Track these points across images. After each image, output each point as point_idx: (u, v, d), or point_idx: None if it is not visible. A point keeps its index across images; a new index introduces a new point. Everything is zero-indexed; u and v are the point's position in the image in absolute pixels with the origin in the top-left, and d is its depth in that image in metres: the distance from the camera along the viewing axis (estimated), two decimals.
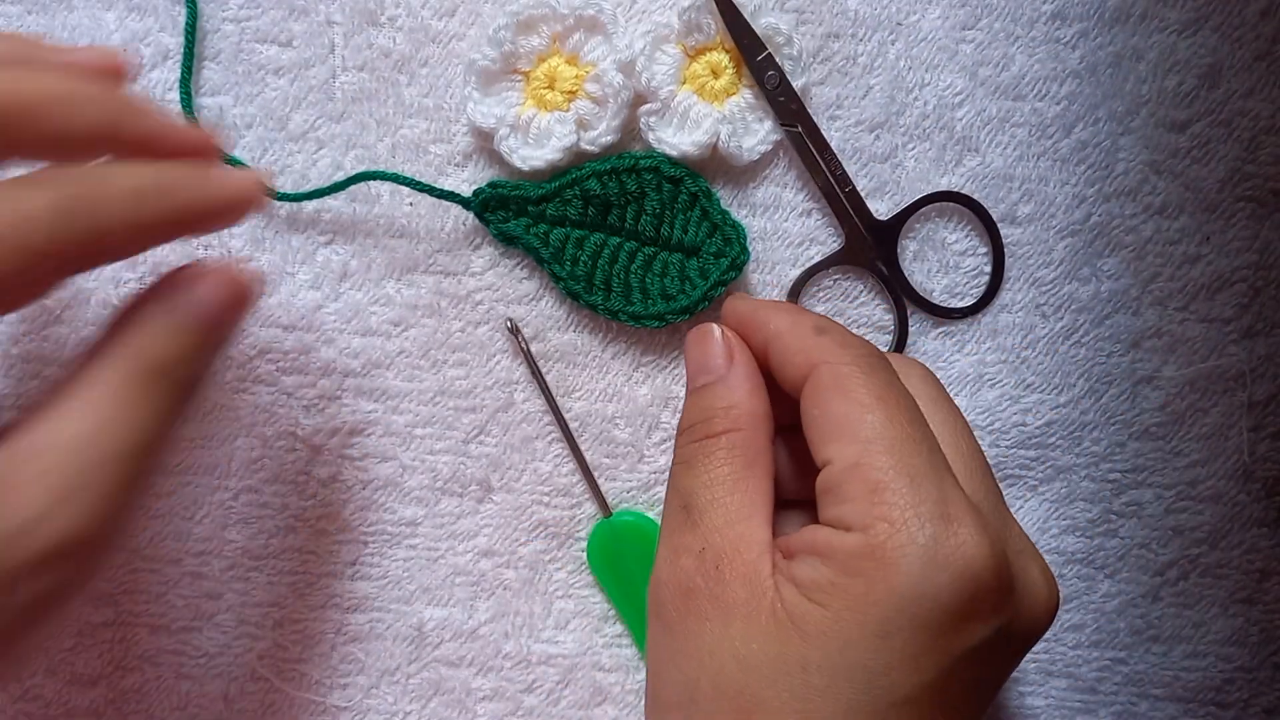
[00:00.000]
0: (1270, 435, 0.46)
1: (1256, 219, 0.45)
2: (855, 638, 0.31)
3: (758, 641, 0.32)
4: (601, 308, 0.43)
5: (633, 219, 0.43)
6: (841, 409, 0.33)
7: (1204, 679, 0.46)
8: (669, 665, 0.34)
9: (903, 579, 0.31)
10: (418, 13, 0.44)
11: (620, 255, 0.43)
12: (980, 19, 0.44)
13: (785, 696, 0.31)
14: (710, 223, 0.43)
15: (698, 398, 0.37)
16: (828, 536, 0.32)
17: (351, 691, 0.46)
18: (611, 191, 0.43)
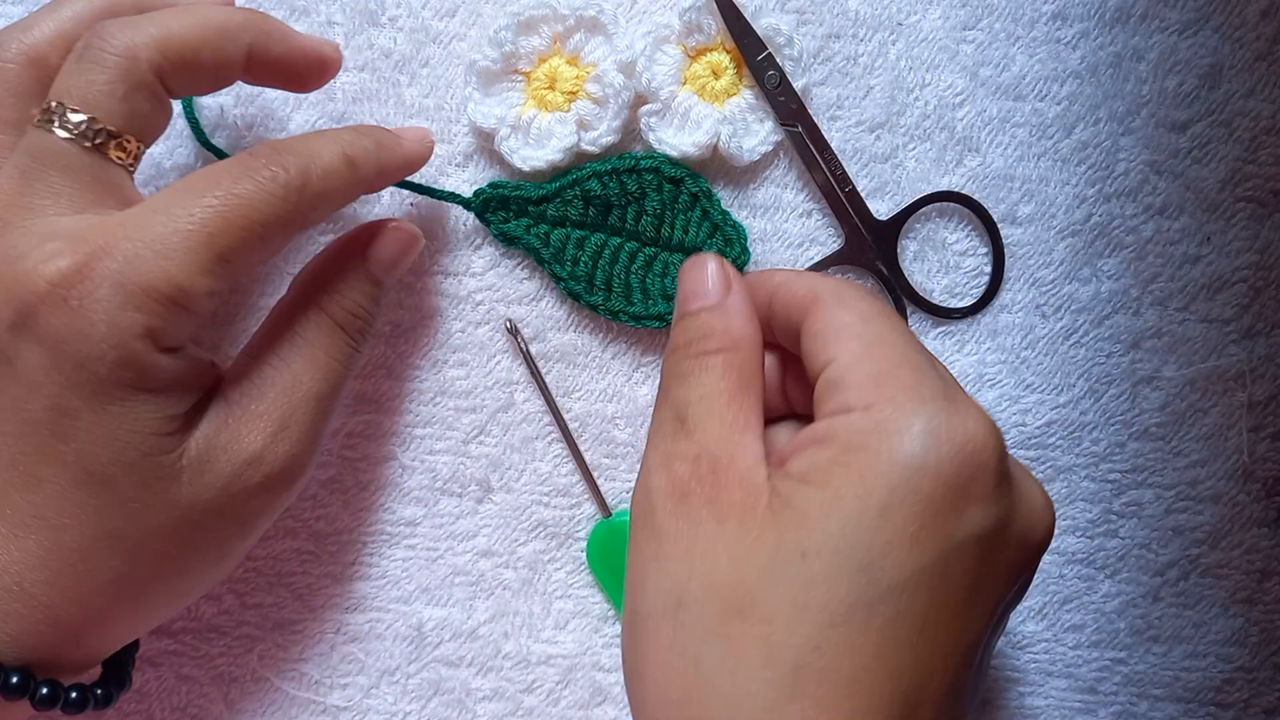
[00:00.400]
0: (1270, 435, 0.46)
1: (1257, 219, 0.45)
2: (856, 513, 0.30)
3: (753, 535, 0.32)
4: (602, 308, 0.43)
5: (633, 219, 0.43)
6: (845, 317, 0.34)
7: (1204, 679, 0.46)
8: (655, 572, 0.33)
9: (906, 450, 0.30)
10: (418, 13, 0.44)
11: (621, 256, 0.43)
12: (981, 19, 0.44)
13: (782, 586, 0.31)
14: (711, 223, 0.43)
15: (693, 319, 0.36)
16: (828, 424, 0.32)
17: (351, 691, 0.46)
18: (612, 192, 0.43)
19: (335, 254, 0.40)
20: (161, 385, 0.34)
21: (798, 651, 0.30)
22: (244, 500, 0.36)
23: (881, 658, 0.30)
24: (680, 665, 0.31)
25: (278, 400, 0.37)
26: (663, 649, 0.32)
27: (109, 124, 0.35)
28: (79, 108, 0.34)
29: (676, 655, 0.32)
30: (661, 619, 0.32)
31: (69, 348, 0.32)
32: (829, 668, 0.30)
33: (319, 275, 0.39)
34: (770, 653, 0.30)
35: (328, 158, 0.36)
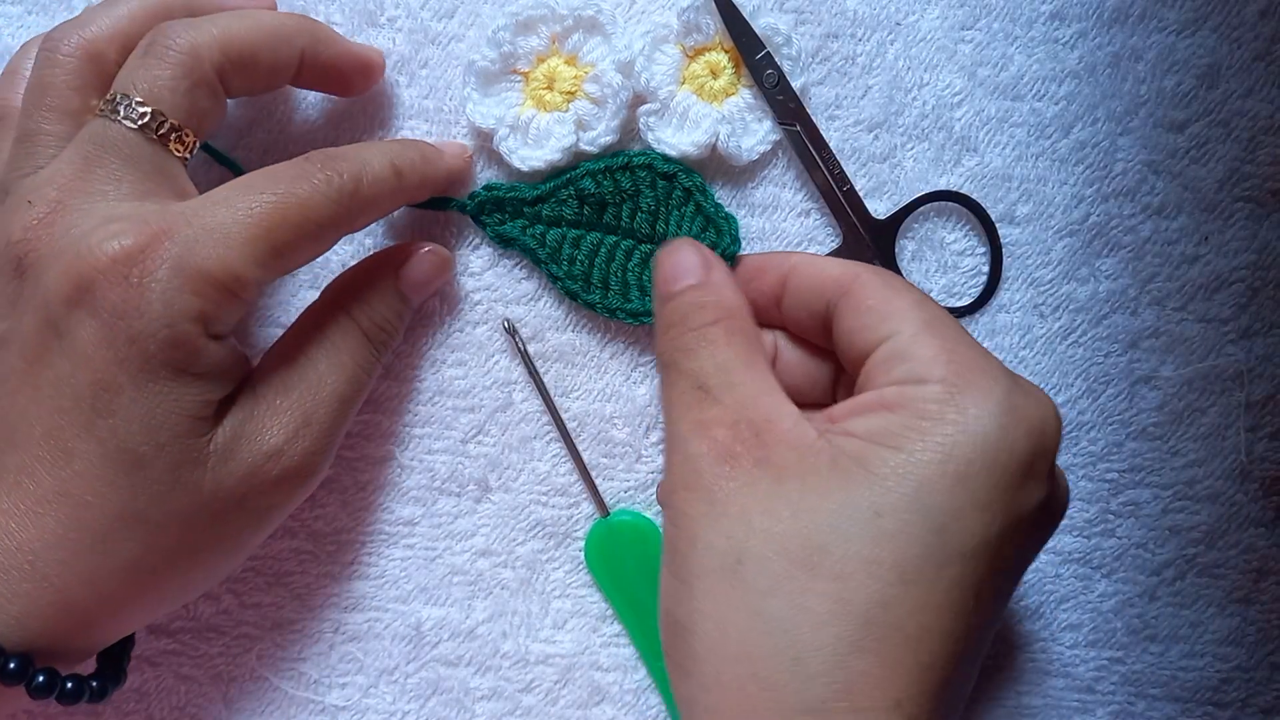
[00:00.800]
0: (1268, 435, 0.46)
1: (1255, 219, 0.45)
2: (932, 478, 0.31)
3: (818, 492, 0.32)
4: (600, 306, 0.43)
5: (628, 217, 0.43)
6: (901, 297, 0.36)
7: (1201, 678, 0.46)
8: (709, 531, 0.33)
9: (985, 425, 0.32)
10: (417, 14, 0.44)
11: (617, 253, 0.43)
12: (979, 19, 0.44)
13: (854, 543, 0.31)
14: (704, 216, 0.43)
15: (681, 297, 0.37)
16: (898, 391, 0.33)
17: (350, 691, 0.46)
18: (606, 190, 0.43)
19: (370, 268, 0.42)
20: (205, 370, 0.35)
21: (866, 607, 0.31)
22: (262, 492, 0.37)
23: (941, 619, 0.31)
24: (740, 620, 0.32)
25: (302, 398, 0.38)
26: (720, 605, 0.32)
27: (172, 117, 0.36)
28: (144, 100, 0.36)
29: (735, 610, 0.32)
30: (718, 576, 0.32)
31: (124, 323, 0.33)
32: (894, 624, 0.31)
33: (352, 285, 0.41)
34: (839, 608, 0.31)
35: (377, 166, 0.38)
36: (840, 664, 0.30)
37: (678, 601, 0.34)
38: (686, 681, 0.33)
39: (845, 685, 0.30)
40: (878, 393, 0.34)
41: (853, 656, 0.30)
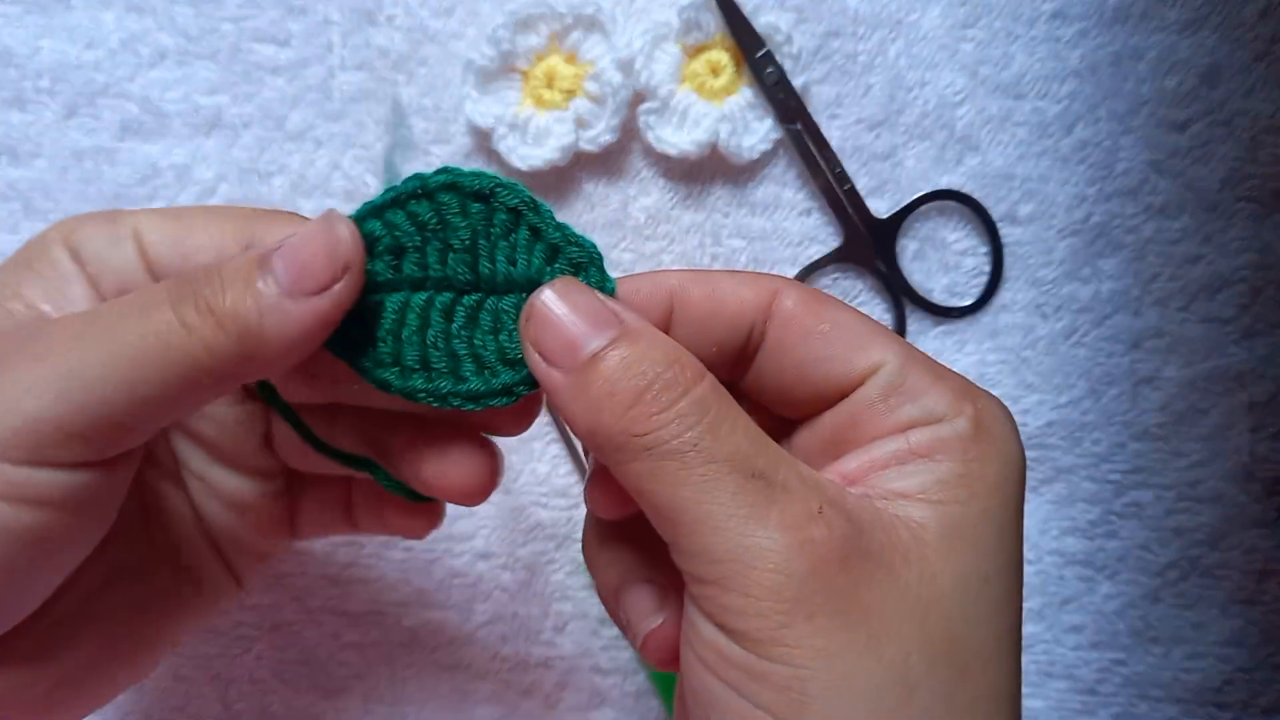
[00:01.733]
0: (1270, 436, 0.46)
1: (1256, 219, 0.45)
2: (1006, 522, 0.28)
3: (928, 573, 0.27)
4: (423, 393, 0.30)
5: (437, 261, 0.31)
6: (850, 317, 0.30)
7: (1203, 680, 0.46)
8: (864, 663, 0.26)
9: (1011, 450, 0.28)
10: (416, 12, 0.44)
11: (432, 315, 0.31)
12: (981, 18, 0.44)
13: (982, 623, 0.27)
14: (547, 244, 0.30)
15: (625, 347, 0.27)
16: (929, 435, 0.28)
17: (348, 695, 0.46)
18: (401, 229, 0.31)
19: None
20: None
21: (1008, 686, 0.27)
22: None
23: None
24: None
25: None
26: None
27: None
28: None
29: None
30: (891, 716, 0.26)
31: None
32: (1018, 693, 0.28)
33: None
34: (994, 703, 0.27)
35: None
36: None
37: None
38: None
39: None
40: (903, 439, 0.28)
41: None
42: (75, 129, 0.44)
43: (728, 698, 0.26)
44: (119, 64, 0.44)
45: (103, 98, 0.44)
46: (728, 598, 0.26)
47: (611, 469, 0.27)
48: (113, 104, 0.44)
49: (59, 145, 0.44)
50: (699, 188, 0.45)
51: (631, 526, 0.31)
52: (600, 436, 0.27)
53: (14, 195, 0.44)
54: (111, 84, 0.44)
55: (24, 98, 0.44)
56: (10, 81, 0.44)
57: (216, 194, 0.44)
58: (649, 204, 0.45)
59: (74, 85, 0.44)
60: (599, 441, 0.27)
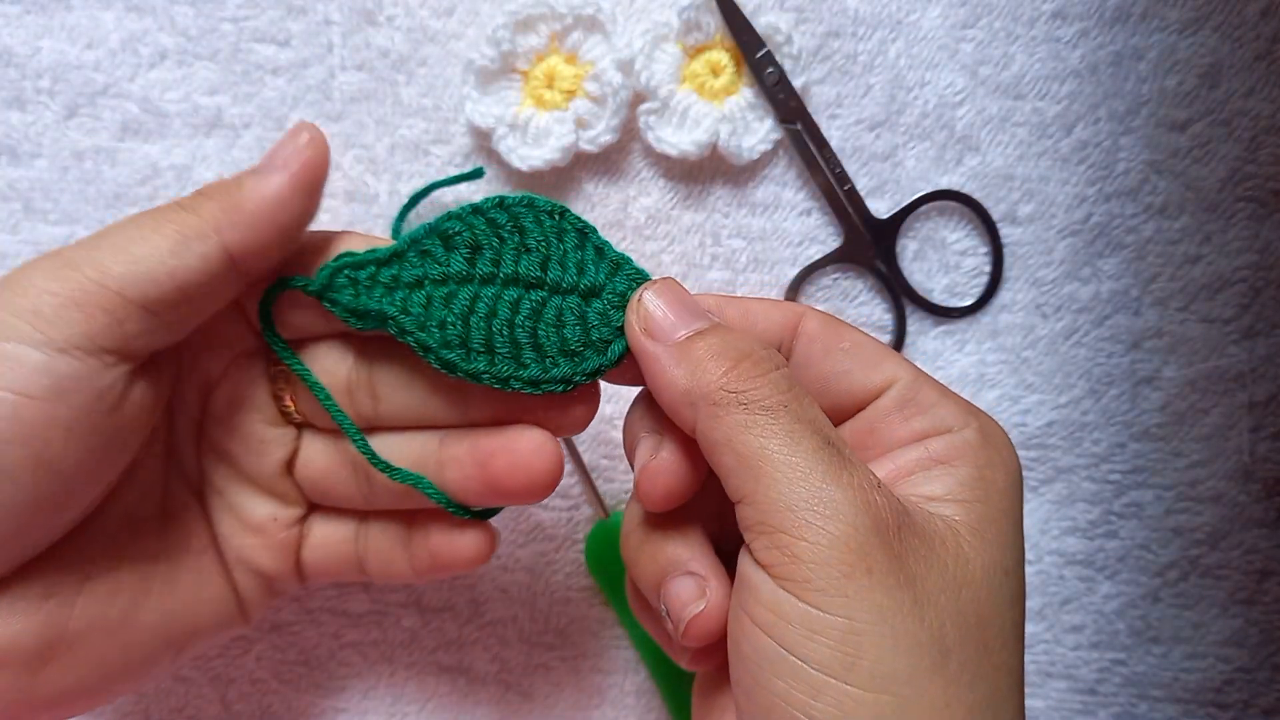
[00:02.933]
0: (1270, 436, 0.45)
1: (1257, 219, 0.45)
2: (1016, 522, 0.31)
3: (962, 562, 0.29)
4: (486, 375, 0.34)
5: (511, 259, 0.34)
6: (864, 339, 0.34)
7: (1203, 680, 0.46)
8: (909, 623, 0.28)
9: (1012, 460, 0.32)
10: (416, 12, 0.44)
11: (500, 307, 0.34)
12: (980, 18, 0.44)
13: (1004, 610, 0.30)
14: (610, 261, 0.35)
15: (723, 334, 0.31)
16: (945, 444, 0.32)
17: (349, 694, 0.46)
18: (479, 229, 0.34)
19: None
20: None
21: (1019, 669, 0.30)
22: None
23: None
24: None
25: None
26: (935, 710, 0.28)
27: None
28: None
29: (952, 712, 0.28)
30: (928, 677, 0.28)
31: None
32: (1021, 678, 0.31)
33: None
34: (1013, 681, 0.30)
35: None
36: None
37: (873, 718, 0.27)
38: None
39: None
40: (922, 448, 0.32)
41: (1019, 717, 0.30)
42: (75, 129, 0.44)
43: (781, 660, 0.28)
44: (119, 64, 0.44)
45: (103, 98, 0.44)
46: (798, 545, 0.28)
47: (701, 424, 0.30)
48: (113, 104, 0.44)
49: (59, 145, 0.44)
50: (699, 188, 0.45)
51: (673, 521, 0.33)
52: (698, 393, 0.30)
53: (14, 195, 0.44)
54: (112, 84, 0.44)
55: (24, 98, 0.44)
56: (10, 82, 0.44)
57: None
58: (649, 204, 0.45)
59: (74, 85, 0.44)
60: (696, 397, 0.30)
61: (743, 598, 0.30)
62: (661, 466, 0.32)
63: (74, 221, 0.44)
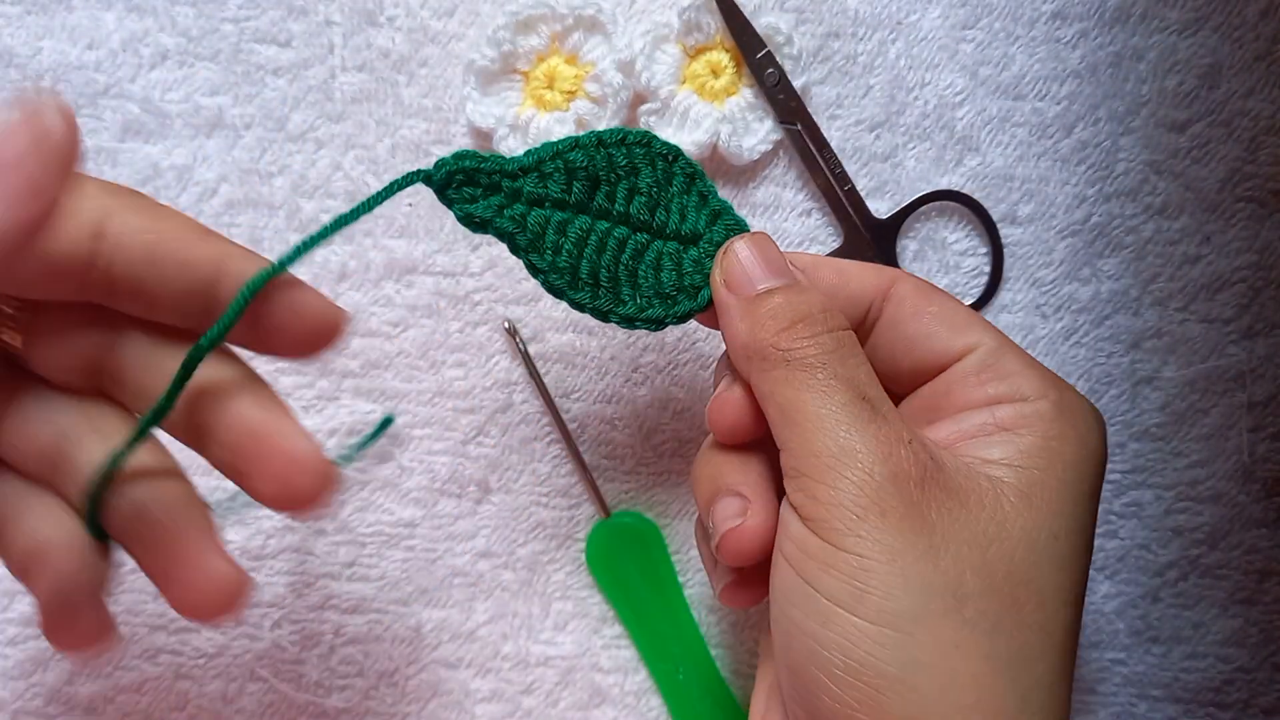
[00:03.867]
0: (1270, 436, 0.46)
1: (1256, 219, 0.45)
2: (1082, 495, 0.32)
3: (1001, 520, 0.30)
4: (589, 306, 0.36)
5: (624, 200, 0.36)
6: (956, 305, 0.35)
7: (1203, 680, 0.46)
8: (923, 567, 0.29)
9: (1093, 437, 0.33)
10: (416, 13, 0.44)
11: (609, 243, 0.36)
12: (980, 18, 0.44)
13: (1046, 570, 0.31)
14: (711, 210, 0.37)
15: (790, 294, 0.33)
16: (1013, 411, 0.32)
17: (350, 693, 0.46)
18: (599, 165, 0.36)
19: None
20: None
21: (1063, 634, 0.31)
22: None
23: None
24: (971, 666, 0.29)
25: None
26: (946, 652, 0.29)
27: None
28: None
29: (966, 656, 0.29)
30: (940, 619, 0.29)
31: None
32: (1072, 647, 0.31)
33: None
34: (1046, 640, 0.30)
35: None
36: (1055, 694, 0.30)
37: (881, 653, 0.29)
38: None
39: (1060, 714, 0.31)
40: (990, 413, 0.33)
41: (1060, 685, 0.31)
42: None
43: (800, 590, 0.31)
44: (120, 64, 0.44)
45: (104, 98, 0.44)
46: (819, 489, 0.30)
47: (753, 376, 0.33)
48: (114, 104, 0.44)
49: None
50: None
51: (737, 451, 0.35)
52: (753, 348, 0.33)
53: None
54: (112, 85, 0.44)
55: None
56: (12, 83, 0.44)
57: (218, 195, 0.44)
58: None
59: (75, 86, 0.44)
60: (751, 351, 0.33)
61: (779, 537, 0.32)
62: (729, 399, 0.34)
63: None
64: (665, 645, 0.45)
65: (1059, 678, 0.31)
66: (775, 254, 0.35)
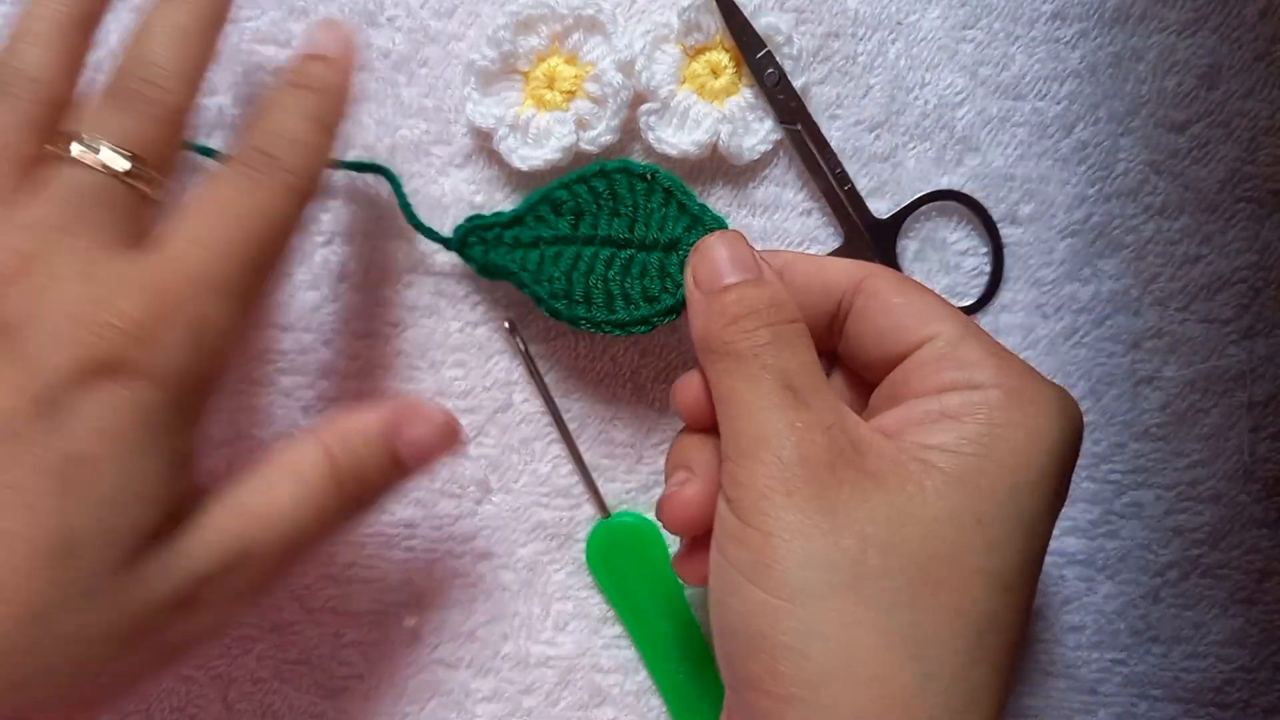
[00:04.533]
0: (1270, 436, 0.46)
1: (1256, 219, 0.45)
2: (1022, 483, 0.32)
3: (921, 503, 0.31)
4: (584, 321, 0.41)
5: (605, 224, 0.41)
6: (925, 297, 0.36)
7: (1204, 680, 0.46)
8: (821, 544, 0.31)
9: (1050, 428, 0.33)
10: (416, 13, 0.44)
11: (597, 264, 0.41)
12: (980, 18, 0.44)
13: (966, 553, 0.31)
14: (689, 216, 0.41)
15: (741, 290, 0.35)
16: (962, 400, 0.33)
17: (350, 694, 0.46)
18: (582, 197, 0.41)
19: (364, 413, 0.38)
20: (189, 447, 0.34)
21: (980, 617, 0.31)
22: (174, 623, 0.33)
23: (1026, 620, 0.33)
24: (867, 640, 0.30)
25: (247, 527, 0.34)
26: (841, 625, 0.31)
27: (146, 160, 0.35)
28: (117, 144, 0.34)
29: (862, 630, 0.30)
30: (836, 593, 0.31)
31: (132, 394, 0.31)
32: (1001, 631, 0.31)
33: (337, 423, 0.37)
34: (959, 621, 0.31)
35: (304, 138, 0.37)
36: (963, 676, 0.31)
37: (778, 623, 0.31)
38: (790, 709, 0.31)
39: (969, 697, 0.31)
40: (937, 401, 0.33)
41: (972, 668, 0.31)
42: None
43: (718, 564, 0.33)
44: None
45: None
46: (738, 470, 0.33)
47: (704, 365, 0.36)
48: None
49: None
50: (699, 188, 0.45)
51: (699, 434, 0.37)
52: (705, 339, 0.35)
53: None
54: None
55: None
56: None
57: None
58: None
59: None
60: (703, 343, 0.35)
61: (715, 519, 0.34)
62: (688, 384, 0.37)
63: None
64: (665, 645, 0.45)
65: (974, 661, 0.31)
66: (740, 250, 0.36)
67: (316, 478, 0.35)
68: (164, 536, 0.32)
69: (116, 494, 0.31)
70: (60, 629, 0.31)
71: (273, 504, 0.34)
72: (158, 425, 0.32)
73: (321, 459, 0.35)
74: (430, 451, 0.38)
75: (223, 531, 0.33)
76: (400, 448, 0.37)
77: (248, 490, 0.35)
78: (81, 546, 0.31)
